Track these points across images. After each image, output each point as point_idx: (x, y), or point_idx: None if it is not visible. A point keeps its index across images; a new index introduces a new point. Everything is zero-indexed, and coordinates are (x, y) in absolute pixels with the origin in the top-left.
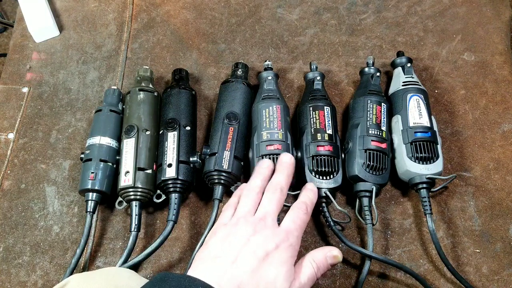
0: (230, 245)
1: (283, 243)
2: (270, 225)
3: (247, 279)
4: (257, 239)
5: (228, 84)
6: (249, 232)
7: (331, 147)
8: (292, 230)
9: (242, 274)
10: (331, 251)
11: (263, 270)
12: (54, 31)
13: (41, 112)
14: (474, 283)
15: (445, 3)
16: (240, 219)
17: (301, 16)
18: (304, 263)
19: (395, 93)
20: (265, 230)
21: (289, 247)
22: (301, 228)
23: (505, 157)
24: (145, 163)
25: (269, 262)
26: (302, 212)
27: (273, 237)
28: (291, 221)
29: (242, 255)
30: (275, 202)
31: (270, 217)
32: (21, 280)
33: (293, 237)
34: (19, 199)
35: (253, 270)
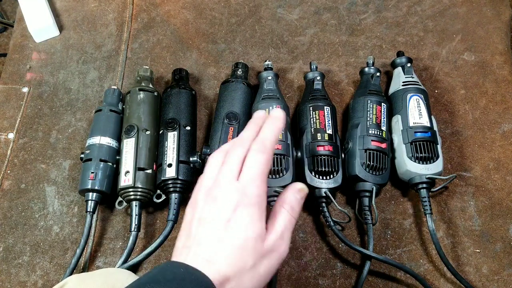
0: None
1: (241, 202)
2: (224, 188)
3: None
4: (213, 211)
5: (228, 84)
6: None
7: (331, 147)
8: (248, 185)
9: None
10: (295, 186)
11: (230, 235)
12: (54, 31)
13: (41, 112)
14: (474, 283)
15: (445, 3)
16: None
17: (301, 16)
18: (275, 210)
19: (395, 93)
20: (220, 197)
21: (248, 203)
22: (262, 172)
23: (505, 157)
24: (145, 163)
25: (232, 228)
26: (259, 153)
27: (229, 202)
28: (246, 174)
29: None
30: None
31: (225, 180)
32: (21, 280)
33: (251, 190)
34: (19, 199)
35: (218, 241)
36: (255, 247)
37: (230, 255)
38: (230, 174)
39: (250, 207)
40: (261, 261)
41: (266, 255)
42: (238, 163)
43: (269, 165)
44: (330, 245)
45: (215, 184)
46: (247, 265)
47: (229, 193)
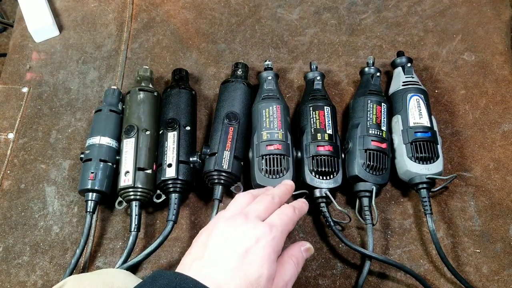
0: (209, 245)
1: (264, 237)
2: (251, 220)
3: (228, 278)
4: (236, 235)
5: (228, 84)
6: (228, 230)
7: (331, 147)
8: (276, 225)
9: (223, 274)
10: (304, 245)
11: (245, 269)
12: (54, 31)
13: (41, 112)
14: (474, 283)
15: (445, 3)
16: (221, 218)
17: (301, 16)
18: (284, 260)
19: (395, 93)
20: (244, 225)
21: (271, 241)
22: (287, 224)
23: (505, 157)
24: (145, 163)
25: (251, 259)
26: (289, 210)
27: (254, 232)
28: (276, 216)
29: (222, 254)
30: (263, 204)
31: (252, 214)
32: (21, 280)
33: (277, 231)
34: (19, 199)
35: (234, 268)
36: (265, 286)
37: (241, 286)
38: (258, 212)
39: (271, 246)
40: None
41: None
42: (267, 208)
43: (292, 227)
44: (330, 245)
45: (242, 214)
46: None
47: (256, 225)
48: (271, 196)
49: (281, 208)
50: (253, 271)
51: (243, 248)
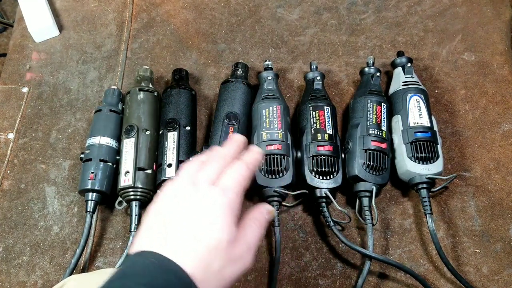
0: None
1: (218, 201)
2: (202, 186)
3: (185, 246)
4: (186, 203)
5: (228, 84)
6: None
7: (331, 147)
8: (229, 187)
9: (179, 243)
10: (265, 207)
11: (202, 236)
12: (54, 31)
13: (41, 112)
14: (474, 283)
15: (445, 3)
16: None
17: (301, 16)
18: (245, 223)
19: (395, 93)
20: (195, 193)
21: (227, 205)
22: (240, 184)
23: (505, 157)
24: (145, 163)
25: (206, 225)
26: (241, 167)
27: (205, 197)
28: (228, 177)
29: (174, 224)
30: (213, 167)
31: (202, 180)
32: (21, 280)
33: (230, 193)
34: (19, 199)
35: (189, 236)
36: (226, 251)
37: (202, 254)
38: (208, 178)
39: (227, 210)
40: (228, 266)
41: (234, 261)
42: (217, 172)
43: (247, 183)
44: (330, 245)
45: (193, 184)
46: (215, 266)
47: (208, 191)
48: (220, 157)
49: (232, 167)
50: (211, 238)
51: (196, 215)
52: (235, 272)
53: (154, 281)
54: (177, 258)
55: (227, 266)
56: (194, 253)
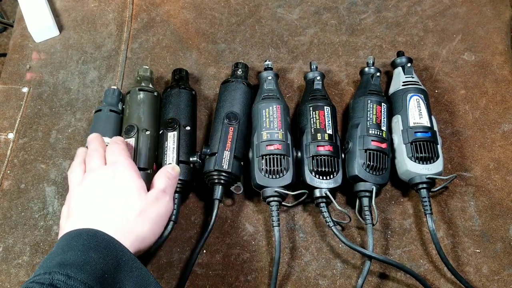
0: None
1: (117, 168)
2: (98, 169)
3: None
4: (94, 185)
5: (228, 84)
6: (80, 177)
7: (331, 147)
8: (116, 157)
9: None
10: (169, 165)
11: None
12: (54, 31)
13: (41, 112)
14: (474, 283)
15: (445, 3)
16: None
17: (301, 16)
18: (154, 178)
19: (395, 93)
20: (98, 175)
21: (123, 168)
22: (121, 150)
23: (505, 157)
24: (145, 163)
25: (116, 186)
26: (116, 142)
27: (105, 171)
28: (109, 153)
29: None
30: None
31: (95, 167)
32: (21, 280)
33: (122, 159)
34: (19, 199)
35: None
36: (140, 197)
37: (116, 208)
38: (97, 164)
39: (126, 171)
40: (148, 208)
41: (152, 203)
42: (99, 156)
43: (127, 150)
44: (330, 245)
45: (89, 169)
46: (136, 211)
47: (103, 168)
48: (92, 149)
49: (109, 145)
50: (122, 191)
51: (105, 185)
52: (159, 211)
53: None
54: (98, 224)
55: (147, 208)
56: (110, 210)
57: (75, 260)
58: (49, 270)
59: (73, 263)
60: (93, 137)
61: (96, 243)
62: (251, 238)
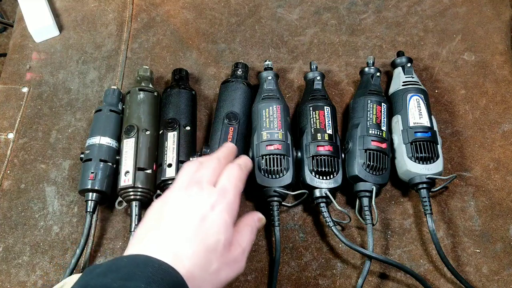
0: (165, 215)
1: (219, 203)
2: (205, 187)
3: (184, 245)
4: (191, 203)
5: (228, 84)
6: (183, 198)
7: (331, 147)
8: (228, 189)
9: (179, 242)
10: (257, 215)
11: (202, 236)
12: (54, 31)
13: (41, 112)
14: (474, 283)
15: (445, 3)
16: (175, 187)
17: (301, 16)
18: (240, 228)
19: (395, 93)
20: (199, 193)
21: (226, 207)
22: (237, 185)
23: (505, 157)
24: (145, 163)
25: (208, 226)
26: (236, 169)
27: (208, 199)
28: (226, 179)
29: (178, 223)
30: (210, 168)
31: (204, 180)
32: (21, 280)
33: (230, 195)
34: (19, 199)
35: (191, 236)
36: (223, 253)
37: (199, 253)
38: (207, 177)
39: (226, 211)
40: (223, 268)
41: (229, 264)
42: (215, 172)
43: (243, 184)
44: (330, 245)
45: (194, 182)
46: (212, 268)
47: (210, 192)
48: (216, 159)
49: (228, 169)
50: (211, 237)
51: (199, 216)
52: (230, 275)
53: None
54: (171, 259)
55: (222, 268)
56: (190, 254)
57: None
58: None
59: None
60: (229, 146)
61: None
62: None
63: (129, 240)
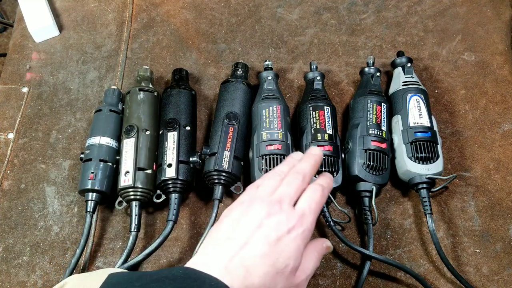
0: (243, 226)
1: (296, 228)
2: (285, 208)
3: (257, 264)
4: (270, 223)
5: (228, 84)
6: (263, 215)
7: (331, 147)
8: (306, 215)
9: (253, 259)
10: (325, 242)
11: (274, 257)
12: (54, 31)
13: (41, 112)
14: (474, 283)
15: (445, 3)
16: (257, 200)
17: (301, 16)
18: (307, 253)
19: (395, 93)
20: (279, 213)
21: (302, 234)
22: (316, 212)
23: (505, 157)
24: (145, 163)
25: (281, 248)
26: (318, 195)
27: (287, 222)
28: (306, 204)
29: (254, 239)
30: (294, 186)
31: (286, 200)
32: (21, 280)
33: (307, 222)
34: (19, 199)
35: (264, 255)
36: (288, 278)
37: (269, 274)
38: (289, 198)
39: (301, 239)
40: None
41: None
42: (298, 189)
43: (320, 210)
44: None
45: (275, 201)
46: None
47: (289, 215)
48: (301, 176)
49: (311, 191)
50: (281, 261)
51: (275, 237)
52: None
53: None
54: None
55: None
56: (259, 272)
57: None
58: None
59: None
60: (317, 156)
61: None
62: None
63: (205, 238)
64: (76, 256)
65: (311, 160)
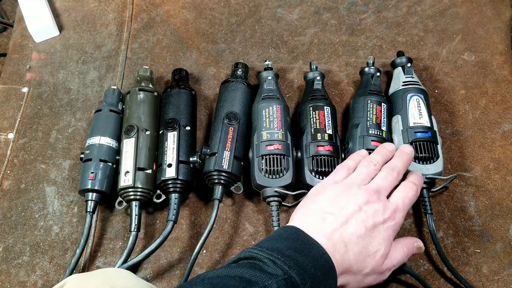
0: (342, 207)
1: (390, 220)
2: (382, 199)
3: (354, 242)
4: (368, 210)
5: (228, 84)
6: (362, 201)
7: (331, 147)
8: (400, 209)
9: (351, 237)
10: (417, 242)
11: (368, 240)
12: (54, 31)
13: (41, 112)
14: (474, 283)
15: (445, 3)
16: (354, 185)
17: (301, 16)
18: (397, 246)
19: (395, 93)
20: (377, 203)
21: (394, 226)
22: (407, 208)
23: (505, 157)
24: (145, 163)
25: (375, 235)
26: (412, 192)
27: (383, 212)
28: (400, 199)
29: (353, 220)
30: (389, 181)
31: (383, 192)
32: (21, 280)
33: (399, 216)
34: (19, 199)
35: (360, 236)
36: (378, 262)
37: (360, 254)
38: (385, 191)
39: (392, 230)
40: (371, 275)
41: (377, 273)
42: (392, 184)
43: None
44: None
45: (373, 191)
46: (365, 271)
47: (386, 207)
48: (396, 173)
49: (405, 188)
50: (374, 245)
51: (372, 223)
52: (372, 283)
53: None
54: (337, 247)
55: (371, 274)
56: (355, 250)
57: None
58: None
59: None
60: (409, 151)
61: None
62: (251, 238)
63: (298, 208)
64: (76, 256)
65: (404, 158)
